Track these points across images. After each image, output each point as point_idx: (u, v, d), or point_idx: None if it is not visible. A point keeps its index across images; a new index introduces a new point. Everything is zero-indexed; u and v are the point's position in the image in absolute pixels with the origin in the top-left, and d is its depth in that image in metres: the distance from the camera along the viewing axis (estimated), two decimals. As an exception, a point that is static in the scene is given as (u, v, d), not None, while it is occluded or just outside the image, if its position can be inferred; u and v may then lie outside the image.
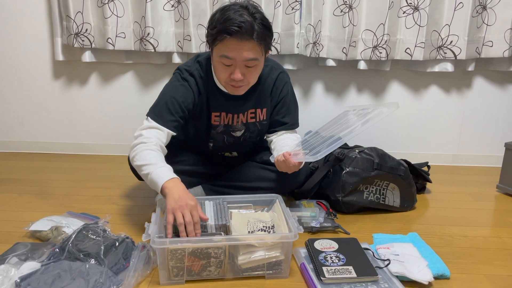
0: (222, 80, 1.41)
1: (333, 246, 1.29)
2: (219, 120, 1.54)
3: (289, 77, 1.61)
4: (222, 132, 1.58)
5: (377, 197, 1.65)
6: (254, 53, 1.33)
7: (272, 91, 1.56)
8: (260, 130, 1.61)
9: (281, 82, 1.56)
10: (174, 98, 1.44)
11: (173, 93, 1.46)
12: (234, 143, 1.61)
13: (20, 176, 1.99)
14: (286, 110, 1.59)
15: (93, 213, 1.55)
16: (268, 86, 1.55)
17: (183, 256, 1.14)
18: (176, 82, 1.48)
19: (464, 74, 2.22)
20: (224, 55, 1.33)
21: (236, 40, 1.30)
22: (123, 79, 2.27)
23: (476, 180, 2.10)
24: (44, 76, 2.27)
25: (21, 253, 1.21)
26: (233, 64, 1.34)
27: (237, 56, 1.32)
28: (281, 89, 1.56)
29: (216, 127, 1.56)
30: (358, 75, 2.24)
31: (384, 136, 2.30)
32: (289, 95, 1.59)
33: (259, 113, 1.57)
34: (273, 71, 1.56)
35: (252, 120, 1.57)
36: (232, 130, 1.58)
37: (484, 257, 1.35)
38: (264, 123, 1.60)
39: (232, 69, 1.36)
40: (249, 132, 1.60)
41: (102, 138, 2.36)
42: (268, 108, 1.58)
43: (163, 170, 1.29)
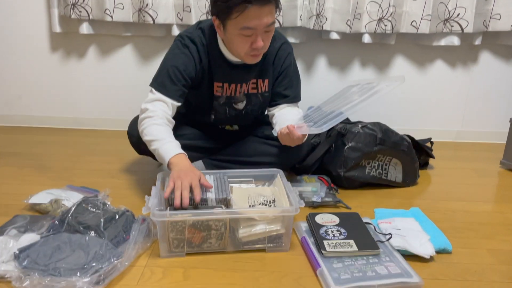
0: (242, 52, 1.37)
1: (334, 220, 1.28)
2: (222, 91, 1.51)
3: (292, 49, 1.57)
4: (224, 104, 1.55)
5: (379, 172, 1.63)
6: (272, 16, 1.31)
7: (275, 61, 1.52)
8: (262, 103, 1.58)
9: (284, 52, 1.52)
10: (175, 67, 1.41)
11: (174, 61, 1.43)
12: (236, 116, 1.59)
13: (19, 150, 1.98)
14: (288, 82, 1.56)
15: (93, 187, 1.55)
16: (271, 55, 1.51)
17: (183, 228, 1.13)
18: (177, 50, 1.45)
19: (470, 48, 2.17)
20: (246, 27, 1.28)
21: (257, 7, 1.25)
22: (122, 52, 2.23)
23: (480, 156, 2.08)
24: (42, 49, 2.23)
25: (20, 225, 1.21)
26: (254, 33, 1.31)
27: (259, 24, 1.28)
28: (283, 59, 1.52)
29: (218, 98, 1.53)
30: (362, 49, 2.19)
31: (387, 112, 2.27)
32: (291, 67, 1.55)
33: (260, 84, 1.53)
34: (276, 40, 1.51)
35: (254, 91, 1.54)
36: (234, 102, 1.55)
37: (487, 232, 1.34)
38: (266, 95, 1.56)
39: (253, 39, 1.32)
40: (251, 105, 1.57)
41: (101, 112, 2.33)
42: (270, 79, 1.54)
43: (170, 145, 1.30)
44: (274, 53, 1.51)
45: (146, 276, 1.07)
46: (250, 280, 1.06)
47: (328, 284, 1.01)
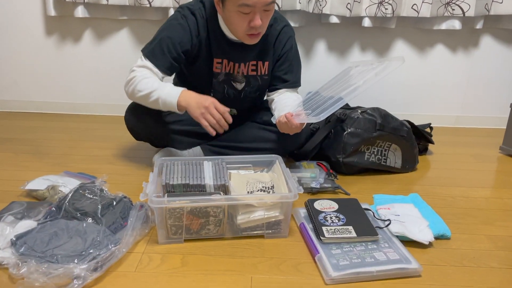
0: (240, 31, 1.36)
1: (333, 206, 1.27)
2: (221, 67, 1.50)
3: (294, 33, 1.54)
4: (224, 82, 1.53)
5: (379, 158, 1.62)
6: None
7: (275, 44, 1.50)
8: (261, 86, 1.56)
9: (285, 35, 1.50)
10: (169, 37, 1.40)
11: (169, 32, 1.42)
12: (234, 98, 1.57)
13: (16, 136, 1.96)
14: (288, 67, 1.53)
15: (90, 173, 1.53)
16: (271, 37, 1.49)
17: (181, 215, 1.12)
18: (174, 21, 1.43)
19: (471, 32, 2.15)
20: (244, 4, 1.27)
21: None
22: (118, 36, 2.19)
23: (479, 141, 2.08)
24: (36, 33, 2.19)
25: (17, 212, 1.20)
26: (252, 11, 1.29)
27: (257, 2, 1.27)
28: (284, 43, 1.50)
29: (218, 75, 1.51)
30: (362, 33, 2.16)
31: (387, 97, 2.25)
32: (292, 51, 1.53)
33: (260, 66, 1.51)
34: (277, 22, 1.49)
35: (253, 73, 1.52)
36: (233, 80, 1.53)
37: (485, 218, 1.34)
38: (265, 78, 1.54)
39: (251, 17, 1.31)
40: (250, 87, 1.55)
41: (98, 97, 2.31)
42: (270, 61, 1.52)
43: (169, 89, 1.35)
44: (276, 35, 1.49)
45: (144, 263, 1.07)
46: (249, 267, 1.06)
47: (327, 270, 1.01)
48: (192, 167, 1.28)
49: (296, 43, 1.56)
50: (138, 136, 1.64)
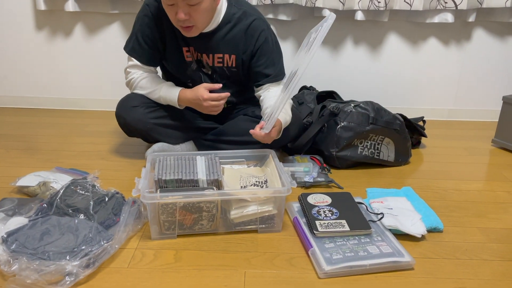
0: (173, 22, 1.38)
1: (326, 200, 1.27)
2: (191, 55, 1.52)
3: (268, 25, 1.51)
4: (197, 69, 1.54)
5: (372, 151, 1.62)
6: None
7: (246, 38, 1.48)
8: (230, 77, 1.56)
9: (256, 29, 1.47)
10: (140, 30, 1.48)
11: (138, 25, 1.49)
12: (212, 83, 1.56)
13: (6, 132, 1.94)
14: (266, 61, 1.50)
15: (82, 168, 1.52)
16: (239, 31, 1.47)
17: (174, 210, 1.12)
18: (140, 13, 1.49)
19: (464, 25, 2.15)
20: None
21: None
22: (109, 30, 2.17)
23: (472, 134, 2.09)
24: (26, 27, 2.16)
25: (8, 209, 1.18)
26: (175, 3, 1.30)
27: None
28: (256, 37, 1.47)
29: (190, 63, 1.53)
30: (355, 27, 2.15)
31: (379, 90, 2.25)
32: (268, 44, 1.49)
33: (227, 58, 1.51)
34: (246, 16, 1.47)
35: (220, 64, 1.53)
36: (202, 66, 1.54)
37: (478, 211, 1.35)
38: (234, 70, 1.54)
39: (175, 9, 1.31)
40: (218, 75, 1.55)
41: (89, 92, 2.29)
42: (239, 55, 1.50)
43: (167, 89, 1.48)
44: (244, 29, 1.47)
45: (137, 259, 1.06)
46: (242, 261, 1.06)
47: (320, 264, 1.01)
48: (184, 162, 1.27)
49: (273, 35, 1.52)
50: (129, 132, 1.62)
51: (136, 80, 1.53)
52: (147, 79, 1.52)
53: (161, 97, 1.50)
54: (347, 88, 2.19)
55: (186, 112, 1.63)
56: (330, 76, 2.23)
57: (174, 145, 1.60)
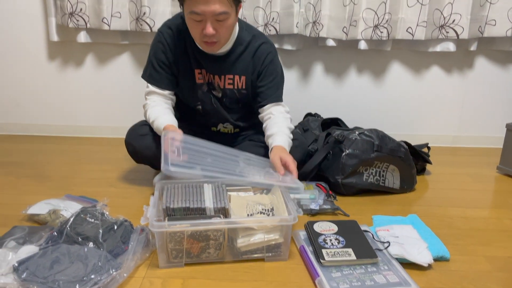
0: (196, 38, 1.42)
1: (333, 228, 1.28)
2: (202, 77, 1.56)
3: (275, 50, 1.58)
4: (208, 92, 1.58)
5: (377, 179, 1.64)
6: (223, 6, 1.32)
7: (254, 60, 1.54)
8: (240, 99, 1.60)
9: (263, 52, 1.54)
10: (155, 57, 1.53)
11: (153, 51, 1.54)
12: (222, 106, 1.61)
13: (17, 159, 1.97)
14: (270, 82, 1.55)
15: (91, 196, 1.54)
16: (249, 54, 1.53)
17: (182, 239, 1.13)
18: (155, 40, 1.54)
19: (466, 54, 2.19)
20: (193, 11, 1.33)
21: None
22: (119, 60, 2.23)
23: (477, 161, 2.09)
24: (39, 57, 2.23)
25: (19, 237, 1.20)
26: (203, 19, 1.34)
27: (206, 10, 1.32)
28: (263, 59, 1.54)
29: (201, 85, 1.57)
30: (359, 55, 2.20)
31: (384, 117, 2.28)
32: (272, 66, 1.55)
33: (237, 80, 1.56)
34: (255, 39, 1.54)
35: (230, 86, 1.57)
36: (213, 88, 1.58)
37: (484, 239, 1.35)
38: (243, 92, 1.58)
39: (203, 25, 1.36)
40: (227, 97, 1.59)
41: (98, 120, 2.34)
42: (248, 76, 1.56)
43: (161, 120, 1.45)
44: (253, 51, 1.53)
45: (145, 287, 1.07)
46: (249, 290, 1.06)
47: (327, 294, 1.02)
48: (192, 189, 1.30)
49: (278, 60, 1.58)
50: (138, 159, 1.65)
51: (146, 107, 1.54)
52: (153, 109, 1.51)
53: (155, 128, 1.49)
54: (352, 115, 2.22)
55: (194, 138, 1.67)
56: (334, 103, 2.26)
57: (182, 171, 1.63)
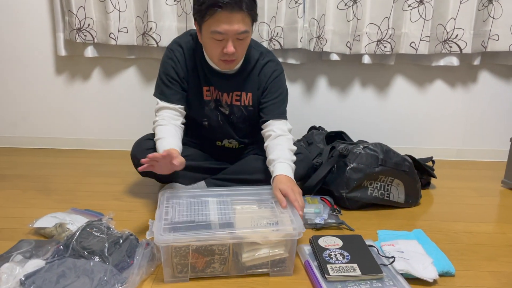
0: (214, 56, 1.43)
1: (338, 243, 1.28)
2: (210, 94, 1.57)
3: (281, 67, 1.59)
4: (215, 108, 1.59)
5: (382, 193, 1.64)
6: (245, 25, 1.35)
7: (260, 76, 1.56)
8: (247, 116, 1.61)
9: (270, 69, 1.56)
10: (165, 73, 1.53)
11: (164, 68, 1.54)
12: (227, 123, 1.62)
13: (23, 172, 1.99)
14: (274, 99, 1.56)
15: (96, 209, 1.55)
16: (256, 70, 1.55)
17: (187, 253, 1.14)
18: (165, 57, 1.55)
19: (469, 68, 2.20)
20: (216, 31, 1.34)
21: (227, 13, 1.31)
22: (126, 74, 2.26)
23: (481, 175, 2.09)
24: (47, 71, 2.26)
25: (25, 251, 1.21)
26: (225, 38, 1.36)
27: (229, 30, 1.33)
28: (269, 75, 1.55)
29: (209, 102, 1.58)
30: (362, 70, 2.22)
31: (388, 131, 2.29)
32: (278, 83, 1.56)
33: (244, 96, 1.57)
34: (263, 56, 1.56)
35: (237, 103, 1.58)
36: (220, 105, 1.59)
37: (489, 254, 1.34)
38: (250, 109, 1.59)
39: (224, 44, 1.37)
40: (234, 115, 1.60)
41: (104, 133, 2.36)
42: (254, 93, 1.57)
43: (164, 142, 1.42)
44: (260, 68, 1.55)
45: (150, 302, 1.07)
46: (254, 306, 1.06)
47: (332, 310, 1.02)
48: (197, 203, 1.30)
49: (283, 78, 1.59)
50: (144, 173, 1.66)
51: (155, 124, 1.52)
52: (160, 128, 1.49)
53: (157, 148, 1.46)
54: (356, 128, 2.23)
55: (199, 153, 1.68)
56: (338, 117, 2.27)
57: (187, 185, 1.64)
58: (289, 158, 1.44)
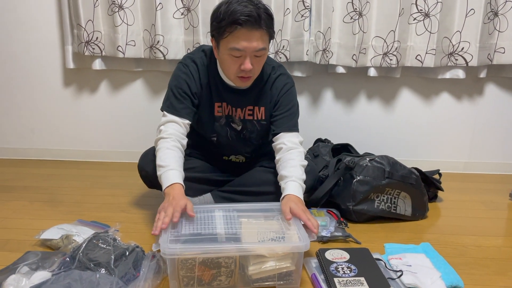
0: (231, 73, 1.43)
1: (345, 256, 1.27)
2: (222, 110, 1.57)
3: (292, 80, 1.59)
4: (225, 124, 1.59)
5: (388, 206, 1.63)
6: (263, 42, 1.37)
7: (272, 90, 1.56)
8: (260, 131, 1.61)
9: (281, 82, 1.56)
10: (178, 87, 1.50)
11: (176, 82, 1.52)
12: (237, 140, 1.62)
13: (30, 184, 2.00)
14: (286, 112, 1.55)
15: (103, 221, 1.56)
16: (268, 84, 1.56)
17: (193, 266, 1.13)
18: (178, 71, 1.53)
19: (475, 80, 2.20)
20: (235, 47, 1.35)
21: (246, 30, 1.32)
22: (133, 87, 2.28)
23: (489, 188, 2.08)
24: (55, 84, 2.29)
25: (32, 262, 1.21)
26: (243, 55, 1.37)
27: (247, 47, 1.35)
28: (280, 88, 1.56)
29: (219, 118, 1.58)
30: (368, 82, 2.22)
31: (394, 143, 2.28)
32: (289, 96, 1.56)
33: (256, 111, 1.57)
34: (274, 71, 1.57)
35: (250, 117, 1.58)
36: (232, 121, 1.59)
37: (498, 268, 1.33)
38: (263, 123, 1.59)
39: (241, 60, 1.38)
40: (247, 130, 1.60)
41: (111, 145, 2.37)
42: (267, 107, 1.57)
43: (169, 174, 1.36)
44: (272, 82, 1.56)
45: (156, 315, 1.07)
46: (261, 319, 1.05)
47: (340, 324, 1.00)
48: (203, 216, 1.30)
49: (294, 91, 1.59)
50: (150, 184, 1.66)
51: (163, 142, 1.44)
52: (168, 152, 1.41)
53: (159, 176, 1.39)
54: (362, 141, 2.22)
55: (205, 165, 1.68)
56: (344, 129, 2.28)
57: (193, 198, 1.64)
58: (300, 177, 1.42)
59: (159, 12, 2.03)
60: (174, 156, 1.41)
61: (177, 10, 2.07)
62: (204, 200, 1.65)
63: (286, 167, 1.44)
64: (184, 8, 2.07)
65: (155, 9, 2.02)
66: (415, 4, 2.00)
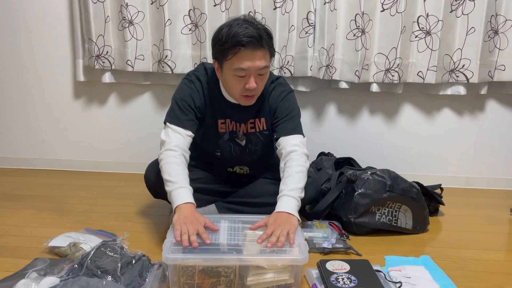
0: (236, 92, 1.47)
1: (345, 267, 1.30)
2: (225, 127, 1.60)
3: (289, 88, 1.63)
4: (229, 140, 1.63)
5: (389, 219, 1.66)
6: (265, 61, 1.42)
7: (269, 98, 1.60)
8: (264, 142, 1.64)
9: (277, 91, 1.59)
10: (183, 100, 1.54)
11: (181, 95, 1.55)
12: (241, 154, 1.65)
13: (40, 193, 2.05)
14: (286, 116, 1.57)
15: (109, 230, 1.59)
16: (267, 96, 1.60)
17: (193, 273, 1.16)
18: (183, 85, 1.58)
19: (476, 97, 2.24)
20: (239, 68, 1.39)
21: (249, 51, 1.37)
22: (141, 99, 2.34)
23: (490, 203, 2.09)
24: (66, 96, 2.35)
25: (40, 268, 1.25)
26: (247, 74, 1.41)
27: (251, 66, 1.39)
28: (277, 96, 1.59)
29: (223, 134, 1.62)
30: (371, 98, 2.27)
31: (396, 158, 2.31)
32: (287, 102, 1.59)
33: (257, 122, 1.61)
34: (273, 84, 1.61)
35: (252, 130, 1.62)
36: (236, 137, 1.63)
37: (497, 282, 1.34)
38: (266, 133, 1.63)
39: (246, 80, 1.42)
40: (252, 143, 1.64)
41: (119, 156, 2.42)
42: (267, 116, 1.61)
43: (181, 192, 1.38)
44: (269, 91, 1.60)
45: (160, 321, 1.09)
46: (262, 327, 1.08)
47: (338, 333, 1.03)
48: (209, 226, 1.33)
49: (293, 97, 1.61)
50: (156, 194, 1.70)
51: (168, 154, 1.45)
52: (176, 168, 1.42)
53: (170, 192, 1.40)
54: (364, 155, 2.26)
55: (210, 176, 1.72)
56: (347, 143, 2.31)
57: (197, 208, 1.66)
58: (294, 188, 1.41)
59: (168, 27, 2.09)
60: (183, 173, 1.43)
61: (185, 26, 2.13)
62: (208, 210, 1.68)
63: (284, 177, 1.46)
64: (192, 24, 2.13)
65: (164, 25, 2.09)
66: (416, 22, 2.05)
